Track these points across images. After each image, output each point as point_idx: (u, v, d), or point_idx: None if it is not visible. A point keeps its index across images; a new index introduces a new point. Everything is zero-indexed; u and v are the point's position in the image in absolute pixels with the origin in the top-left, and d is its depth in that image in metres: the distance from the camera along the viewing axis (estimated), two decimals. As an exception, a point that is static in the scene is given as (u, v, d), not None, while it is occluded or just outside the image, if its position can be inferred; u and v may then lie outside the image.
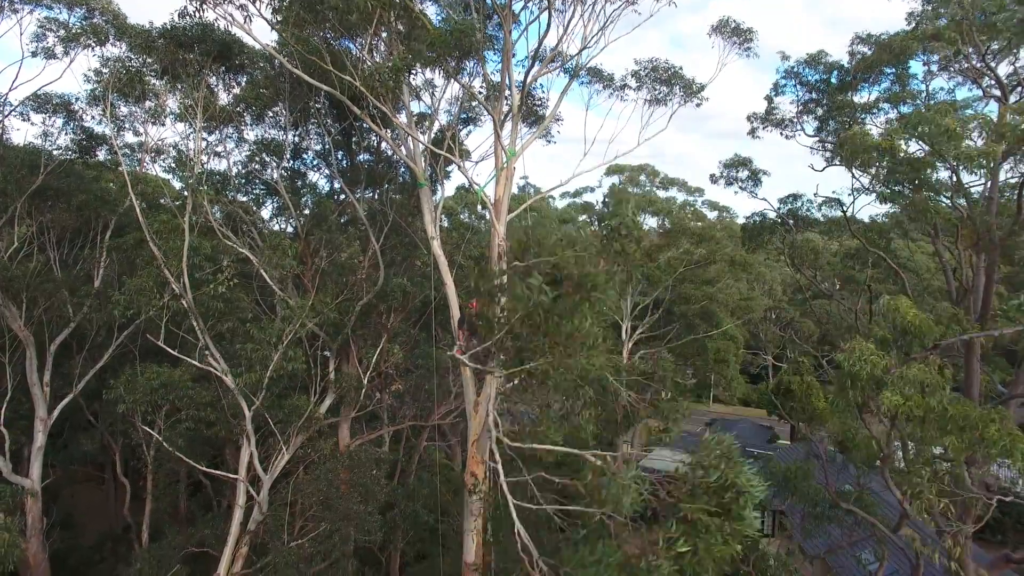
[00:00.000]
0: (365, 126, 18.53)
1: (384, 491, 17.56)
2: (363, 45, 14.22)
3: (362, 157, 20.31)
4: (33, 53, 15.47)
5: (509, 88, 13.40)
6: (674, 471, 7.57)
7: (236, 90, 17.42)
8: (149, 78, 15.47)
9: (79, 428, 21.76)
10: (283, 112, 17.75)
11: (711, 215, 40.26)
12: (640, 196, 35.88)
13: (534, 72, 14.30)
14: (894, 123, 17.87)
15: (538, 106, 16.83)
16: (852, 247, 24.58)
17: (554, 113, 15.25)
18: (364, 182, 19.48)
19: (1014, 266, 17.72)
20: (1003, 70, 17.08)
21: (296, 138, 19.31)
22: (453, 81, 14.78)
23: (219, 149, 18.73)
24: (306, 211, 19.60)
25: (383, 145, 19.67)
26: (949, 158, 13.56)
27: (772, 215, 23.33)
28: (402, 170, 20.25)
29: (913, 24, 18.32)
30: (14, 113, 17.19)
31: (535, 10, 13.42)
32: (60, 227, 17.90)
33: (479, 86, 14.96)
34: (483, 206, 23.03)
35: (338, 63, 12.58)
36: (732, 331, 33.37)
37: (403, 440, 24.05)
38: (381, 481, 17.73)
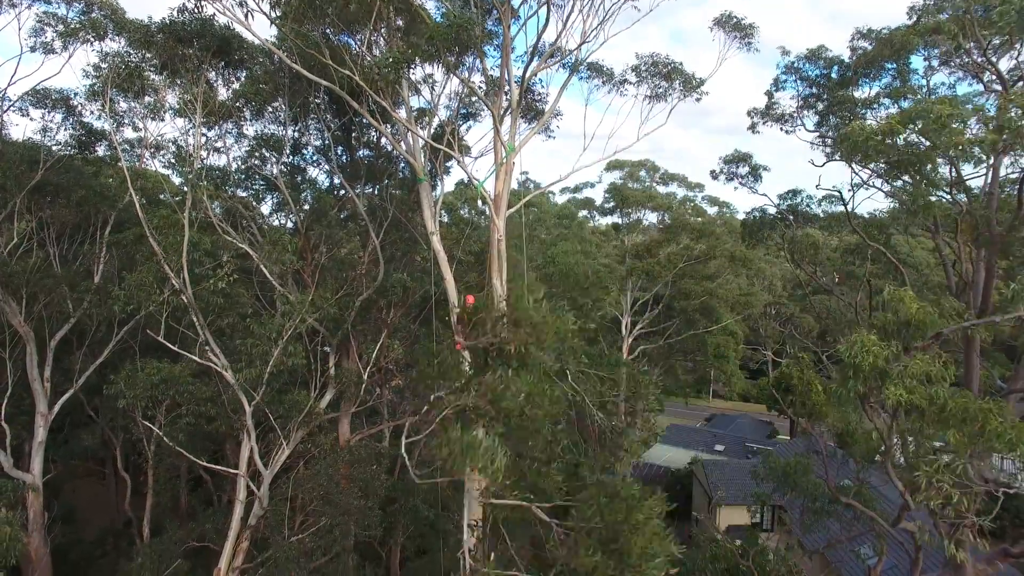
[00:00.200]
0: (365, 122, 18.50)
1: (384, 486, 17.61)
2: (362, 41, 14.20)
3: (362, 153, 20.29)
4: (32, 48, 15.44)
5: (508, 83, 13.37)
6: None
7: (235, 85, 17.39)
8: (148, 73, 15.46)
9: (80, 423, 21.80)
10: (282, 107, 17.72)
11: (711, 211, 40.26)
12: (640, 192, 35.85)
13: (533, 67, 14.26)
14: (894, 116, 17.84)
15: (537, 101, 16.80)
16: (852, 243, 24.59)
17: (553, 108, 15.22)
18: (364, 178, 19.46)
19: (1011, 260, 17.70)
20: (1004, 65, 17.04)
21: (296, 134, 19.29)
22: (452, 76, 14.74)
23: (219, 145, 18.74)
24: (306, 207, 19.59)
25: (383, 141, 19.64)
26: (942, 147, 13.50)
27: (772, 211, 23.33)
28: (402, 165, 20.23)
29: (914, 18, 18.27)
30: (13, 108, 17.17)
31: (534, 4, 13.39)
32: (60, 223, 17.90)
33: (479, 81, 14.95)
34: (483, 201, 23.02)
35: (337, 58, 12.56)
36: (732, 327, 33.41)
37: (404, 435, 24.08)
38: (381, 476, 17.77)
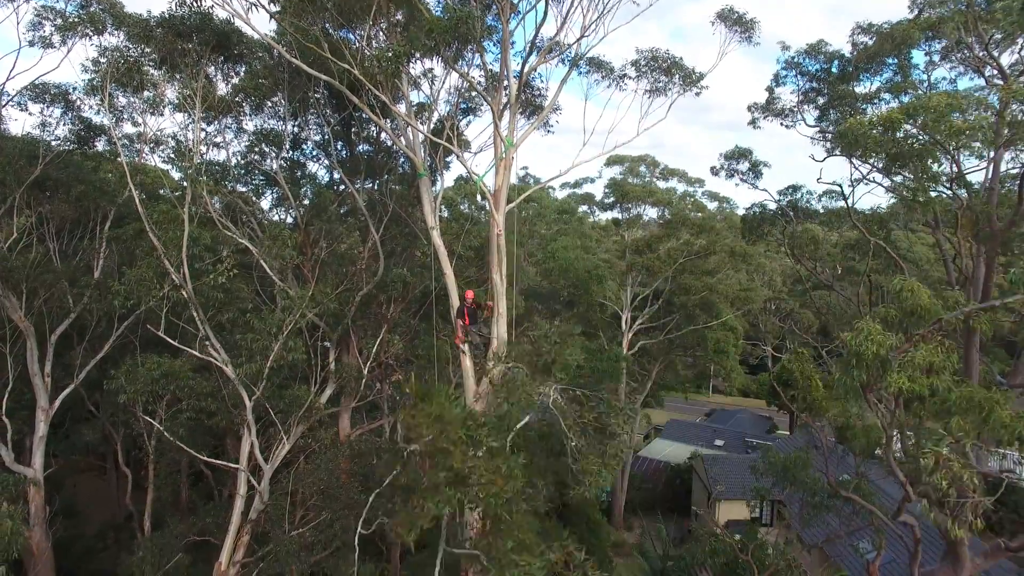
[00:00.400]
0: (364, 116, 18.47)
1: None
2: (362, 36, 14.17)
3: (361, 148, 20.28)
4: (30, 42, 15.38)
5: (507, 79, 13.36)
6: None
7: (235, 80, 17.36)
8: (147, 68, 15.39)
9: (81, 418, 21.83)
10: (282, 102, 17.70)
11: (711, 206, 40.21)
12: (640, 187, 35.78)
13: (533, 62, 14.24)
14: (894, 109, 17.82)
15: (537, 96, 16.77)
16: (852, 238, 24.56)
17: (553, 103, 15.20)
18: (364, 172, 19.45)
19: (1010, 255, 17.71)
20: (1006, 60, 17.01)
21: (295, 128, 19.28)
22: (452, 71, 14.72)
23: (218, 139, 18.70)
24: (305, 201, 19.59)
25: (382, 135, 19.62)
26: (944, 134, 13.46)
27: (772, 206, 23.31)
28: (401, 160, 20.22)
29: (915, 12, 18.23)
30: (12, 103, 17.13)
31: (532, -1, 13.35)
32: (59, 218, 17.87)
33: (479, 76, 14.92)
34: (482, 196, 23.02)
35: (337, 53, 12.54)
36: (732, 322, 33.40)
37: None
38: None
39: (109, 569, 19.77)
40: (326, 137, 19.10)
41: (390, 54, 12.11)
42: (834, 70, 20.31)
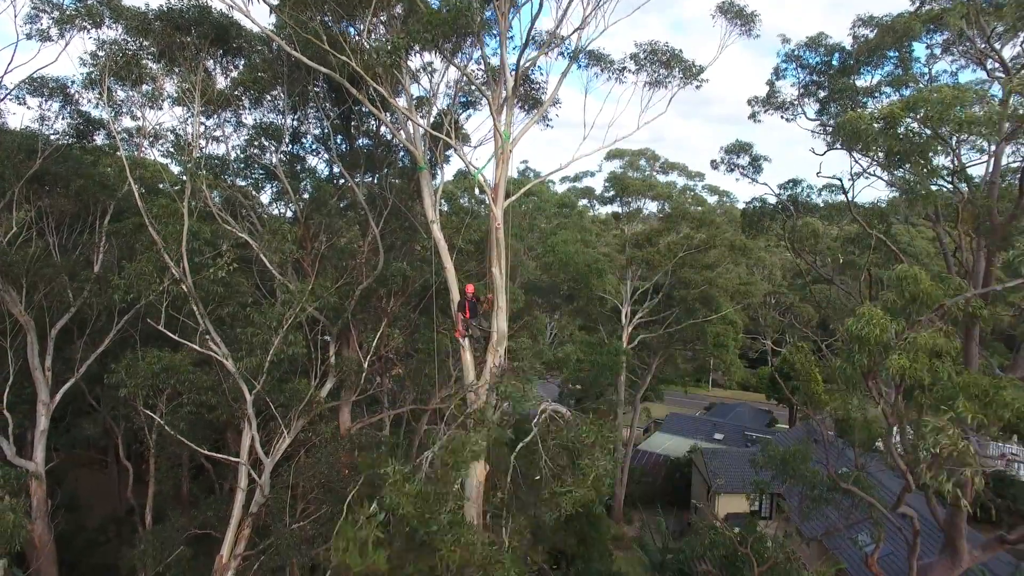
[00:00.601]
0: (364, 110, 18.42)
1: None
2: (362, 29, 14.11)
3: (361, 141, 20.22)
4: (28, 35, 15.29)
5: (505, 72, 13.31)
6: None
7: (234, 74, 17.29)
8: (146, 61, 15.33)
9: (81, 412, 21.88)
10: (281, 96, 17.64)
11: (711, 200, 40.18)
12: (640, 181, 35.73)
13: (532, 55, 14.18)
14: (895, 103, 17.77)
15: (536, 90, 16.72)
16: (852, 232, 24.53)
17: (553, 96, 15.14)
18: (363, 166, 19.41)
19: (1011, 250, 17.66)
20: (1008, 53, 16.93)
21: (295, 122, 19.22)
22: (451, 65, 14.67)
23: (217, 133, 18.65)
24: (305, 195, 19.55)
25: (382, 129, 19.57)
26: (949, 124, 13.38)
27: (772, 200, 23.26)
28: (401, 154, 20.17)
29: (917, 4, 18.14)
30: (10, 97, 17.08)
31: (532, -9, 13.32)
32: (59, 212, 17.84)
33: (480, 70, 14.87)
34: (480, 190, 22.99)
35: (336, 46, 12.49)
36: (731, 316, 33.42)
37: (403, 424, 24.19)
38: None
39: (111, 562, 19.88)
40: (326, 131, 19.04)
41: (388, 47, 12.07)
42: (834, 63, 20.22)
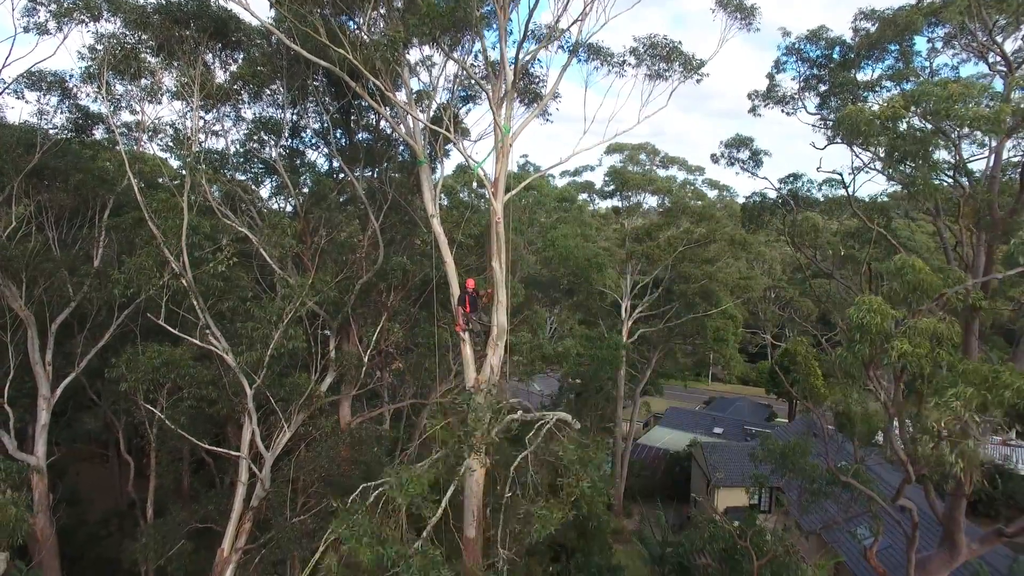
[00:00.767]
0: (364, 104, 18.36)
1: (385, 468, 17.73)
2: (362, 22, 14.06)
3: (361, 136, 20.19)
4: (25, 28, 15.20)
5: (505, 66, 13.27)
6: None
7: (233, 68, 17.24)
8: (144, 55, 15.27)
9: (82, 407, 21.91)
10: (281, 90, 17.60)
11: (711, 194, 40.07)
12: (640, 175, 35.68)
13: (532, 49, 14.14)
14: (896, 98, 17.71)
15: (536, 84, 16.67)
16: (852, 226, 24.50)
17: (553, 90, 15.10)
18: (363, 161, 19.38)
19: (1011, 245, 17.65)
20: (1009, 46, 16.85)
21: (294, 116, 19.18)
22: (450, 59, 14.62)
23: (217, 128, 18.60)
24: (305, 190, 19.53)
25: (382, 123, 19.53)
26: (955, 130, 13.35)
27: (772, 195, 23.21)
28: (401, 148, 20.14)
29: (918, -3, 18.05)
30: (8, 91, 17.00)
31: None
32: (58, 206, 17.81)
33: (480, 64, 14.82)
34: (479, 184, 22.98)
35: (336, 39, 12.45)
36: (731, 310, 33.44)
37: (404, 418, 24.24)
38: (382, 459, 17.89)
39: (113, 556, 19.95)
40: (325, 125, 19.00)
41: (386, 41, 12.03)
42: (835, 56, 20.13)
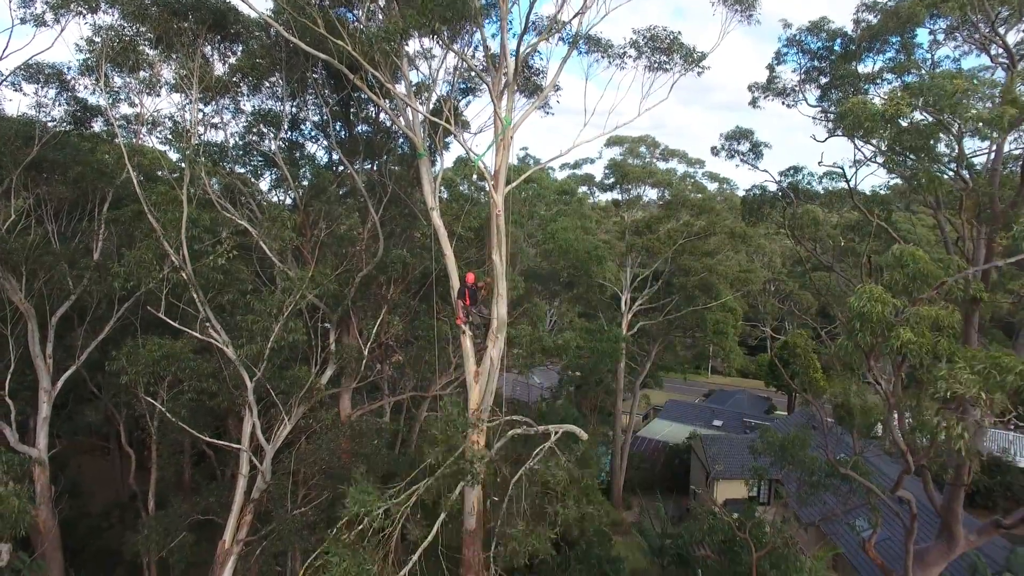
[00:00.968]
0: (363, 97, 18.32)
1: (385, 461, 17.81)
2: (361, 14, 13.99)
3: (360, 128, 20.12)
4: (22, 20, 15.10)
5: (505, 58, 13.21)
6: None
7: (232, 60, 17.17)
8: (143, 47, 15.20)
9: (83, 399, 21.96)
10: (280, 82, 17.52)
11: (711, 187, 40.00)
12: (641, 168, 35.60)
13: (533, 41, 14.07)
14: (898, 93, 17.62)
15: (536, 76, 16.61)
16: (853, 219, 24.47)
17: (553, 82, 15.04)
18: (363, 153, 19.33)
19: (1011, 239, 17.64)
20: (1012, 38, 16.75)
21: (294, 109, 19.11)
22: (450, 51, 14.55)
23: (216, 120, 18.55)
24: (304, 183, 19.49)
25: (381, 116, 19.47)
26: (956, 123, 13.30)
27: (772, 188, 23.17)
28: (400, 141, 20.09)
29: (921, -11, 17.92)
30: (6, 83, 16.93)
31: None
32: (57, 199, 17.77)
33: (480, 56, 14.75)
34: (480, 176, 22.92)
35: (335, 31, 12.39)
36: (731, 303, 33.42)
37: (404, 411, 24.30)
38: (382, 451, 17.97)
39: (115, 547, 20.06)
40: (324, 118, 18.94)
41: (384, 33, 11.96)
42: (836, 48, 20.04)
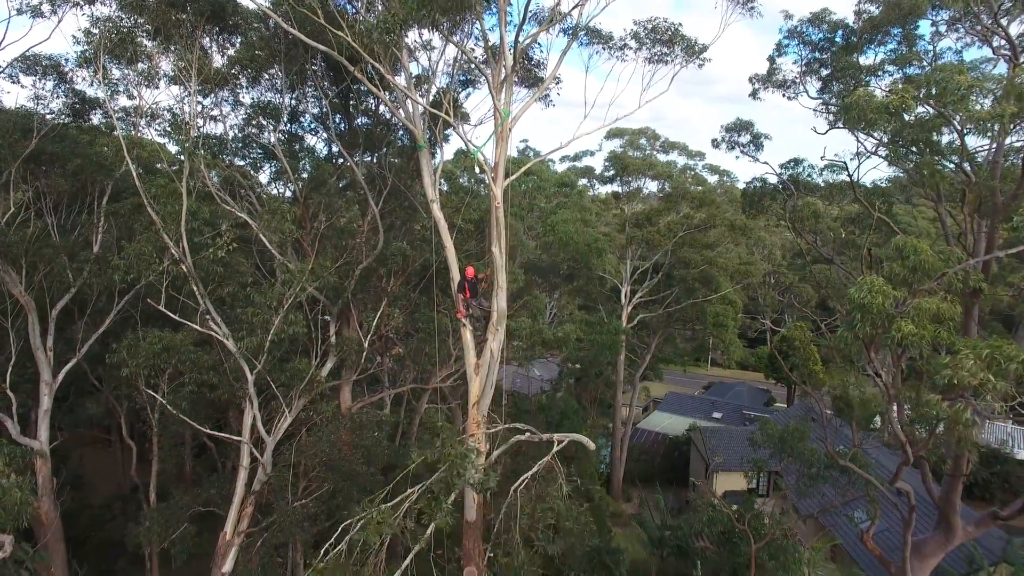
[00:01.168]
0: (363, 89, 18.24)
1: (386, 452, 17.88)
2: (359, 6, 13.91)
3: (360, 120, 20.07)
4: (19, 10, 15.00)
5: (504, 50, 13.15)
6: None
7: (231, 52, 17.08)
8: (141, 39, 15.12)
9: (84, 392, 22.02)
10: (279, 74, 17.45)
11: (712, 179, 39.91)
12: (641, 160, 35.52)
13: (532, 32, 14.00)
14: (899, 85, 17.52)
15: (536, 67, 16.54)
16: (853, 212, 24.44)
17: (553, 74, 14.98)
18: (362, 146, 19.28)
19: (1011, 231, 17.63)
20: (1015, 30, 16.66)
21: (293, 101, 19.04)
22: (449, 43, 14.48)
23: (215, 113, 18.46)
24: (304, 175, 19.46)
25: (381, 108, 19.40)
26: (956, 120, 13.28)
27: (773, 180, 23.12)
28: (400, 133, 20.03)
29: (923, -20, 17.81)
30: (3, 75, 16.86)
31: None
32: (56, 192, 17.73)
33: (480, 48, 14.68)
34: (480, 169, 22.90)
35: (334, 22, 12.32)
36: (731, 296, 33.45)
37: (404, 403, 24.38)
38: (383, 443, 18.03)
39: (117, 539, 20.17)
40: (324, 110, 18.88)
41: (382, 24, 11.89)
42: (838, 40, 19.94)
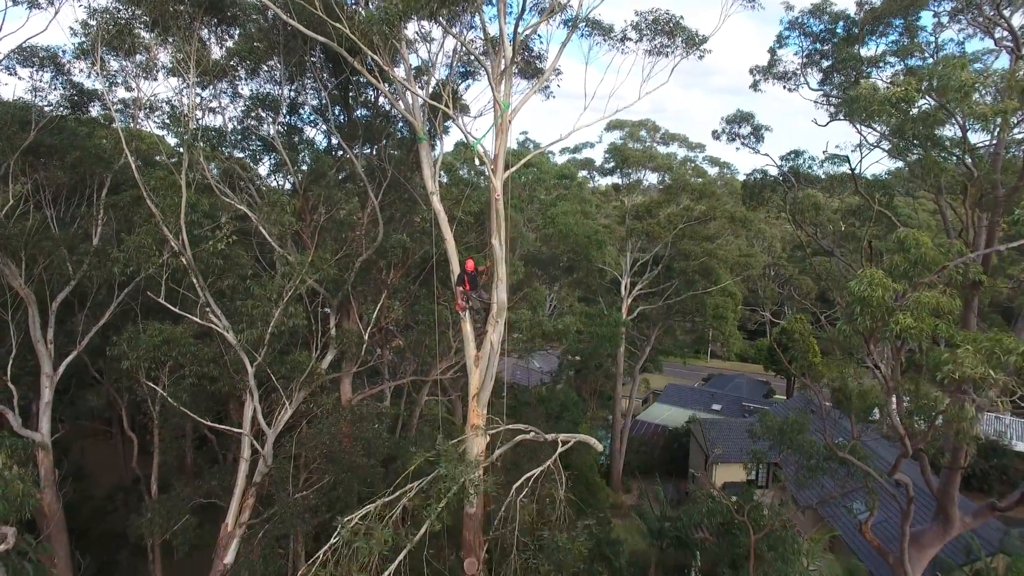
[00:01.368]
0: (362, 81, 18.17)
1: (386, 444, 17.94)
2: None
3: (359, 112, 19.98)
4: (15, 1, 14.97)
5: (503, 42, 13.09)
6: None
7: (229, 43, 17.00)
8: (139, 30, 15.06)
9: (85, 384, 22.05)
10: (278, 66, 17.37)
11: (712, 171, 39.77)
12: (641, 152, 35.42)
13: (532, 23, 13.93)
14: (901, 77, 17.44)
15: (536, 59, 16.47)
16: (854, 204, 24.40)
17: (553, 66, 14.92)
18: (362, 138, 19.22)
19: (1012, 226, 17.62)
20: (1017, 21, 16.57)
21: (292, 93, 18.96)
22: (449, 34, 14.42)
23: (214, 105, 18.41)
24: (304, 167, 19.41)
25: (380, 100, 19.33)
26: (958, 115, 13.24)
27: (773, 172, 23.06)
28: (400, 125, 19.97)
29: (925, -29, 17.72)
30: (0, 67, 16.80)
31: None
32: (55, 185, 17.70)
33: (479, 39, 14.62)
34: (480, 161, 22.86)
35: (333, 14, 12.26)
36: (731, 288, 33.44)
37: (404, 395, 24.42)
38: (383, 435, 18.08)
39: (119, 530, 20.26)
40: (323, 102, 18.81)
41: (381, 15, 11.84)
42: (839, 31, 19.84)
